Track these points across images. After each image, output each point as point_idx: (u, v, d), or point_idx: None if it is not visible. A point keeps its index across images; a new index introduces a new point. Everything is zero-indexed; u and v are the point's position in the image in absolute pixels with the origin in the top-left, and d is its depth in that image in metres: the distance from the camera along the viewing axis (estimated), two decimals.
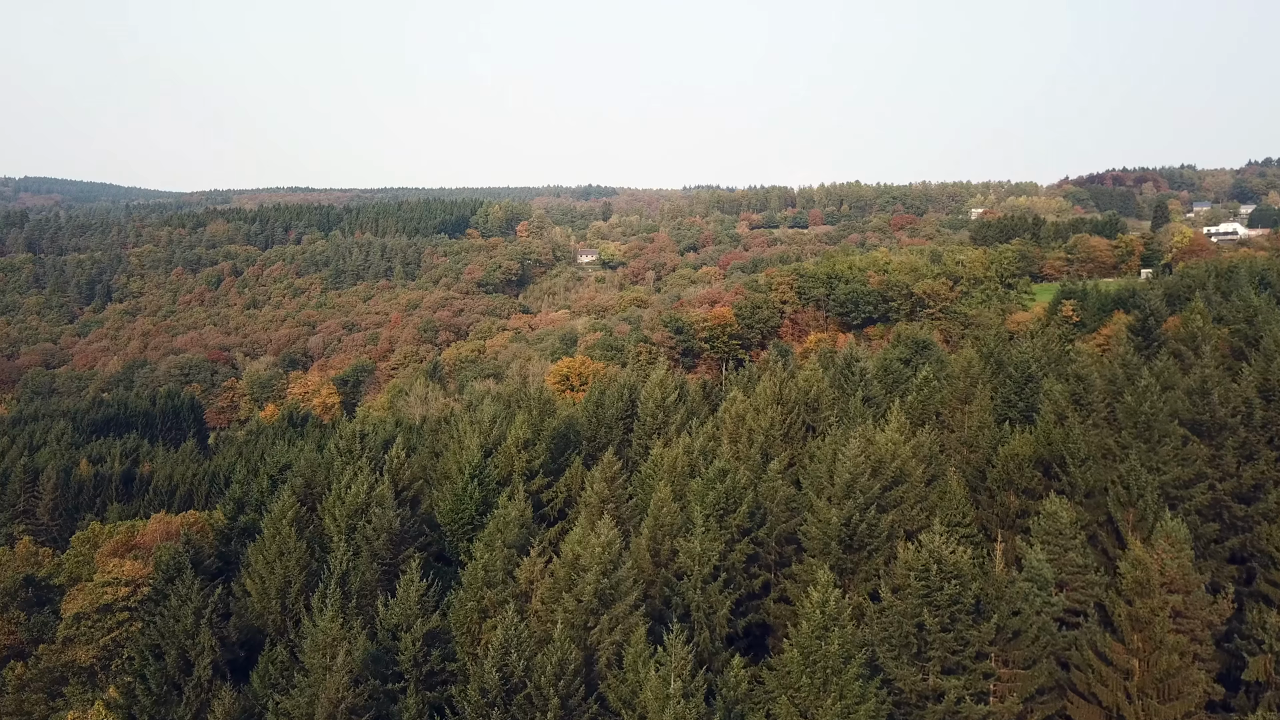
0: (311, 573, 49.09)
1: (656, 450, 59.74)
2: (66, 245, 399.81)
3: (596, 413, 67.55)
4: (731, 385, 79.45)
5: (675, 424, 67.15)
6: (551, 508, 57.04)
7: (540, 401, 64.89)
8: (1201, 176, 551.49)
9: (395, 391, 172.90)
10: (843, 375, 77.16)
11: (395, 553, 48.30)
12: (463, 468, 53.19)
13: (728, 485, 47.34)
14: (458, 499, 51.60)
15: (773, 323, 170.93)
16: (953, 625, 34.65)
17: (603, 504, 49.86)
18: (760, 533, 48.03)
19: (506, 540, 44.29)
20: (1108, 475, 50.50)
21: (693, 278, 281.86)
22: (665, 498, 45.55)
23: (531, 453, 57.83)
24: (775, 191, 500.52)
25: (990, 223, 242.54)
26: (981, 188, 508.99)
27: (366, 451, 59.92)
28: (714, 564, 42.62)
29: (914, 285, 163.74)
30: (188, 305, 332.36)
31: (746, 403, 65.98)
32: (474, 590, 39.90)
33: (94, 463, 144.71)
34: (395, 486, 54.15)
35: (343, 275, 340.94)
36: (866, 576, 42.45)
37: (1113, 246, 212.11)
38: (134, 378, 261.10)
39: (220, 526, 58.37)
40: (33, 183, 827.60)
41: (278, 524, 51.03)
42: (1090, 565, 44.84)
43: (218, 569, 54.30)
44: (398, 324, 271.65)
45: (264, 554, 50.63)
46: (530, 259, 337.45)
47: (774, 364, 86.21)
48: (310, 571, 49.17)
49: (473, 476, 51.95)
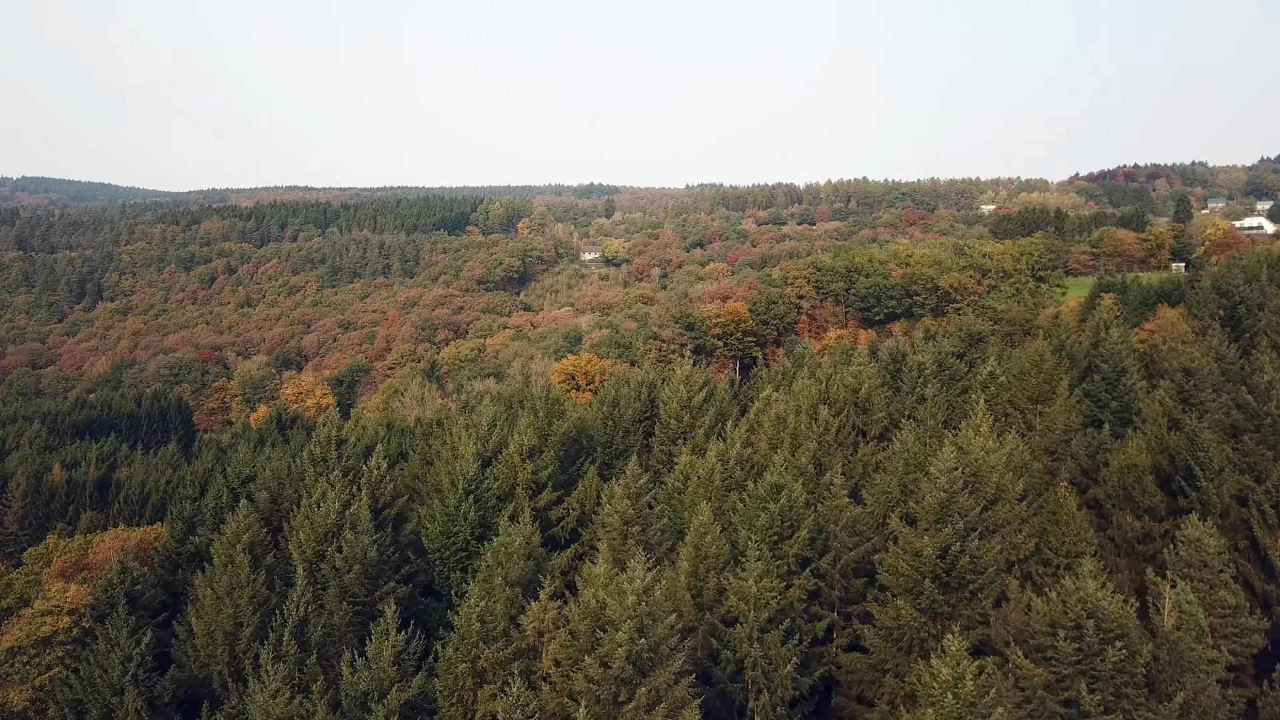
0: (269, 611, 39.80)
1: (684, 459, 50.54)
2: (58, 243, 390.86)
3: (612, 414, 58.25)
4: (763, 383, 70.27)
5: (703, 427, 57.90)
6: (562, 528, 47.79)
7: (547, 401, 55.54)
8: (1214, 173, 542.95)
9: (390, 392, 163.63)
10: (889, 372, 67.84)
11: (371, 588, 39.04)
12: (456, 481, 43.91)
13: (783, 504, 38.10)
14: (449, 520, 42.34)
15: (789, 319, 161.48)
16: (1117, 703, 25.41)
17: (625, 526, 40.61)
18: (823, 563, 38.80)
19: (509, 575, 35.03)
20: (1233, 490, 41.34)
21: (700, 274, 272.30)
22: (706, 522, 36.30)
23: (538, 462, 48.58)
24: (781, 188, 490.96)
25: (1010, 216, 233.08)
26: (991, 184, 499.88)
27: (343, 460, 50.63)
28: (774, 606, 33.41)
29: (939, 278, 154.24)
30: (180, 304, 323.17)
31: (788, 403, 56.75)
32: (467, 647, 30.63)
33: (67, 468, 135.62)
34: (374, 504, 44.93)
35: (339, 273, 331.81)
36: (970, 623, 33.19)
37: (1141, 240, 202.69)
38: (122, 378, 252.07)
39: (167, 550, 49.07)
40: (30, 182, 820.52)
41: (230, 550, 41.82)
42: (1243, 606, 35.60)
43: (160, 604, 45.07)
44: (395, 322, 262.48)
45: (213, 586, 41.44)
46: (532, 256, 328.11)
47: (805, 359, 77.01)
48: (268, 610, 39.87)
49: (467, 492, 42.69)
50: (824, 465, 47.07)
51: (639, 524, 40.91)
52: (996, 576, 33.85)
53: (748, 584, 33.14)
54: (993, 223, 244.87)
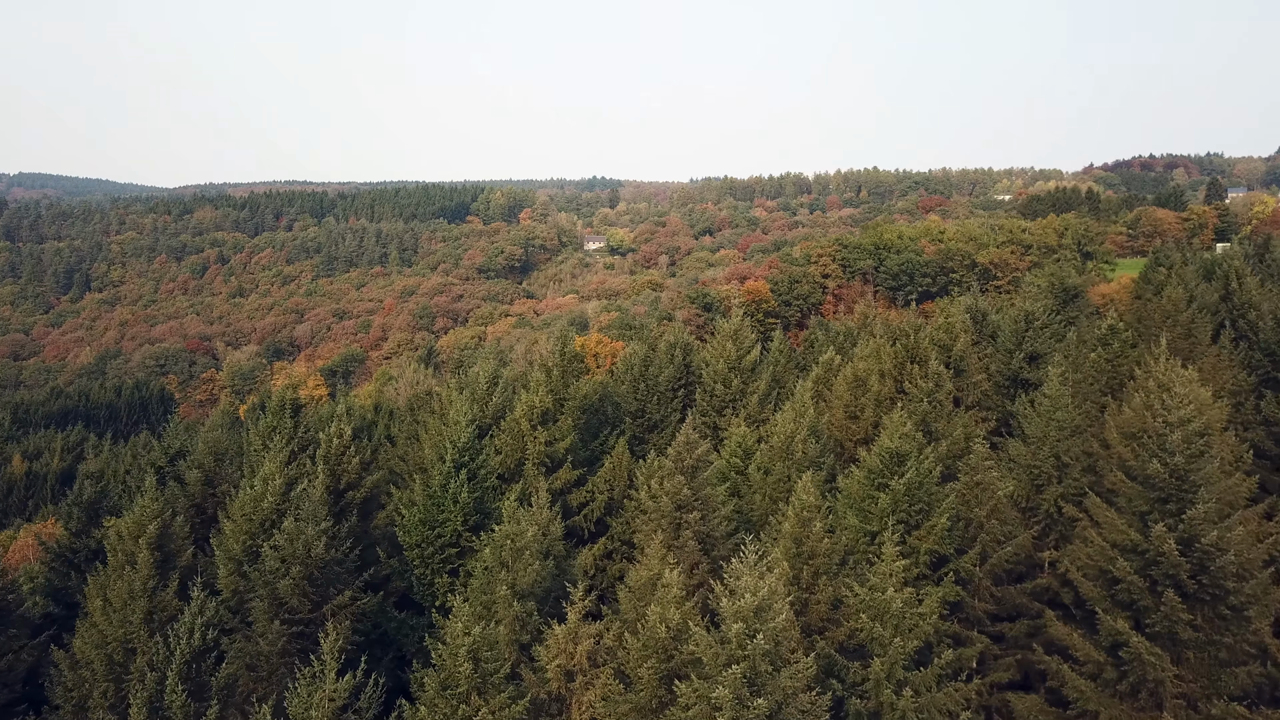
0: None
1: (737, 430, 38.83)
2: (46, 233, 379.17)
3: (644, 376, 46.42)
4: (823, 345, 58.59)
5: (757, 394, 46.11)
6: (586, 518, 36.01)
7: (563, 358, 43.70)
8: (1230, 164, 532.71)
9: (384, 379, 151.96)
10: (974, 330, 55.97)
11: (319, 599, 27.29)
12: (443, 452, 32.12)
13: (910, 479, 26.37)
14: (433, 504, 30.54)
15: (814, 299, 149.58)
16: None
17: (679, 513, 28.87)
18: (964, 563, 27.05)
19: (517, 582, 23.32)
20: None
21: (711, 260, 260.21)
22: (810, 503, 24.47)
23: (553, 430, 36.77)
24: (790, 178, 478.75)
25: (1040, 197, 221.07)
26: (1004, 174, 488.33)
27: (300, 432, 38.80)
28: (925, 630, 21.66)
29: (977, 254, 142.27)
30: (170, 294, 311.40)
31: (868, 363, 44.98)
32: (451, 699, 18.89)
33: (29, 459, 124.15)
34: (335, 484, 33.20)
35: (335, 262, 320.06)
36: (1235, 655, 21.41)
37: (1182, 219, 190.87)
38: (106, 369, 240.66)
39: (61, 546, 37.26)
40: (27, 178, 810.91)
41: (131, 545, 30.12)
42: None
43: (43, 616, 33.40)
44: (391, 311, 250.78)
45: (106, 595, 29.75)
46: (535, 244, 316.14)
47: (874, 312, 65.65)
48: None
49: (458, 466, 30.91)
50: (934, 433, 35.32)
51: (697, 508, 29.11)
52: (1270, 583, 22.07)
53: (885, 595, 21.38)
54: (1021, 204, 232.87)
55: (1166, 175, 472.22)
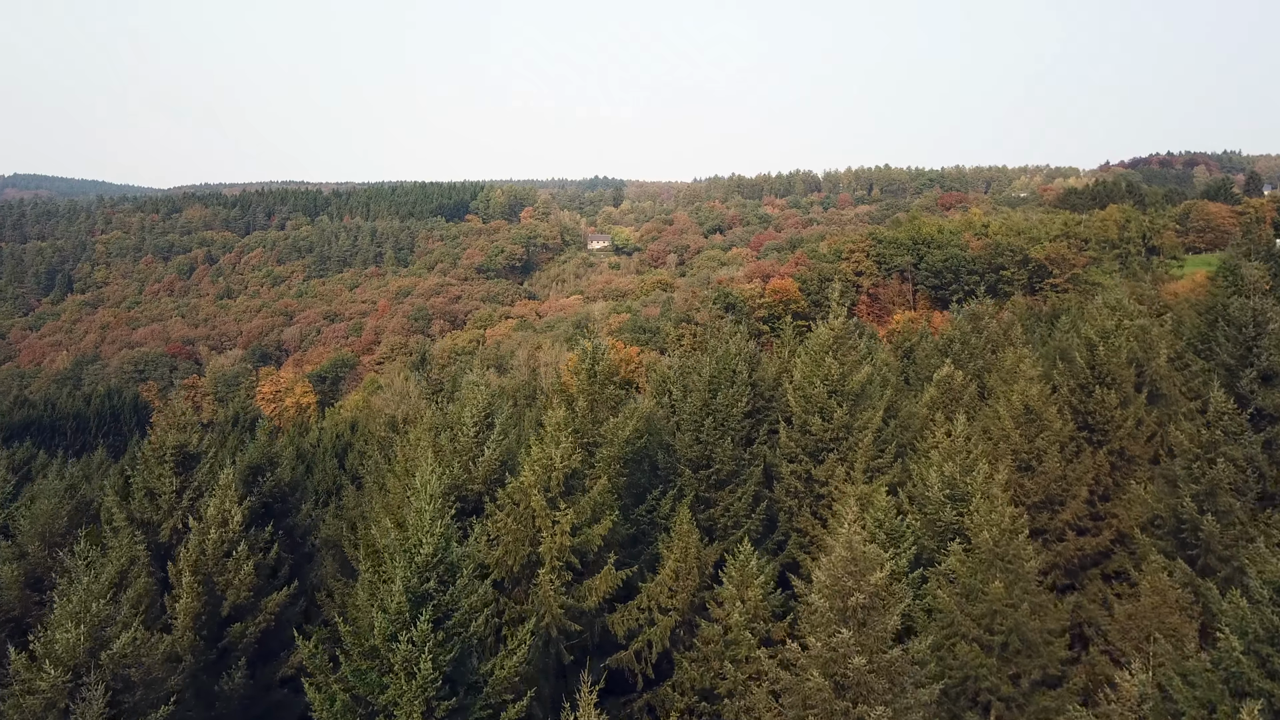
0: None
1: (846, 507, 24.80)
2: (29, 233, 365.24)
3: (710, 407, 31.97)
4: (932, 356, 44.26)
5: (869, 430, 31.78)
6: (640, 659, 21.69)
7: (594, 380, 29.32)
8: (1250, 161, 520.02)
9: (371, 388, 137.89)
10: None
11: None
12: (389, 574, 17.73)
13: None
14: (366, 676, 16.18)
15: (848, 298, 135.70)
16: None
17: (843, 698, 14.57)
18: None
19: None
20: None
21: (723, 259, 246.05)
22: None
23: (582, 504, 22.44)
24: (799, 176, 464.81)
25: (1078, 190, 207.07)
26: (1019, 171, 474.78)
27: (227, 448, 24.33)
28: None
29: (1030, 249, 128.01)
30: (155, 295, 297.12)
31: (1033, 385, 30.77)
32: None
33: None
34: (214, 609, 18.92)
35: (328, 262, 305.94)
36: None
37: (1237, 213, 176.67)
38: (82, 375, 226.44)
39: None
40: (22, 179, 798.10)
41: None
42: None
43: None
44: (385, 312, 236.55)
45: None
46: (536, 243, 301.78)
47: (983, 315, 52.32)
48: None
49: (416, 600, 16.59)
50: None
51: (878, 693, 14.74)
52: None
53: None
54: (1056, 198, 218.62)
55: (1187, 172, 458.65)
